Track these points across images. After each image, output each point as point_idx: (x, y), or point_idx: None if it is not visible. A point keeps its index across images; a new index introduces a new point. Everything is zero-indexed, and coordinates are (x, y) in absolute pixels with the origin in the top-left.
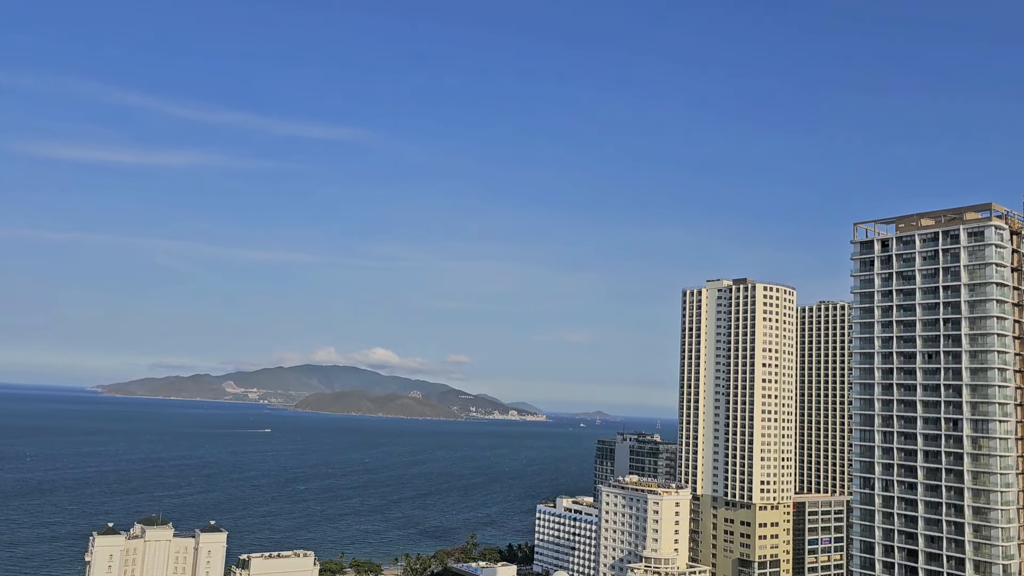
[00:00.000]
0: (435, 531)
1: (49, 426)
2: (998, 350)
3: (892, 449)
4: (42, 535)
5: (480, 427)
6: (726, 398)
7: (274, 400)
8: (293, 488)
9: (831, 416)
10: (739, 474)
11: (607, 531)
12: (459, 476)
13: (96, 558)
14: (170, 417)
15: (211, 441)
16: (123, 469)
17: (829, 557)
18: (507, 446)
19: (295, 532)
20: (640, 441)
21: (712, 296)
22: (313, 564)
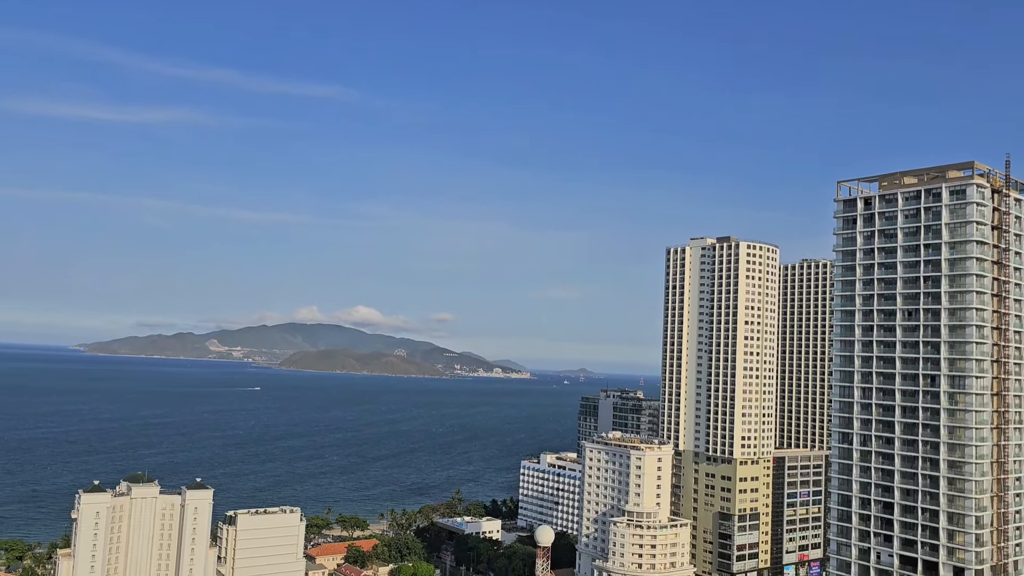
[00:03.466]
0: (420, 487)
1: (31, 385)
2: (976, 307)
3: (871, 405)
4: (24, 493)
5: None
6: (709, 355)
7: (258, 358)
8: (278, 445)
9: (812, 373)
10: (721, 430)
11: (590, 486)
12: (443, 433)
13: (83, 515)
14: (154, 376)
15: (196, 400)
16: (106, 428)
17: (808, 510)
18: (491, 403)
19: (281, 489)
20: (623, 398)
21: (696, 254)
22: (300, 520)
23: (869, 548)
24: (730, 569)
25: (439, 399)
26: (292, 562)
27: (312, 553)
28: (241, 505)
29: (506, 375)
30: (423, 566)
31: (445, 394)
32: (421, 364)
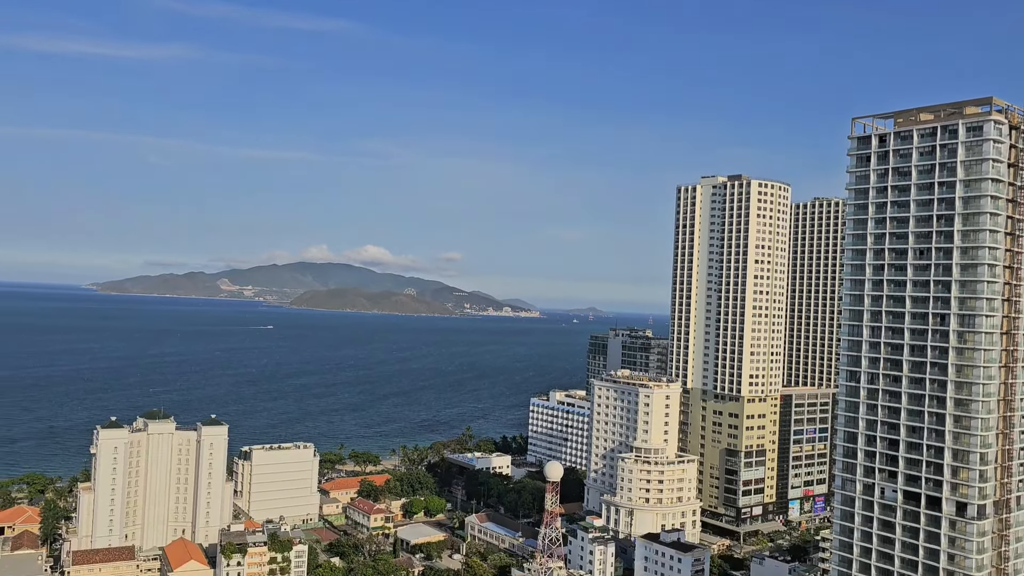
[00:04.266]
0: (430, 424)
1: (45, 324)
2: (989, 246)
3: (879, 343)
4: (42, 430)
5: (474, 323)
6: (718, 294)
7: (269, 297)
8: (290, 383)
9: (821, 311)
10: (729, 368)
11: (599, 423)
12: (453, 371)
13: (101, 451)
14: (166, 314)
15: (209, 338)
16: (120, 366)
17: (813, 447)
18: (501, 342)
19: (294, 425)
20: (632, 337)
21: (706, 193)
22: (313, 455)
23: (873, 484)
24: (736, 504)
25: (449, 338)
26: (307, 496)
27: (326, 487)
28: (255, 441)
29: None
30: (435, 500)
31: (455, 333)
32: (431, 303)
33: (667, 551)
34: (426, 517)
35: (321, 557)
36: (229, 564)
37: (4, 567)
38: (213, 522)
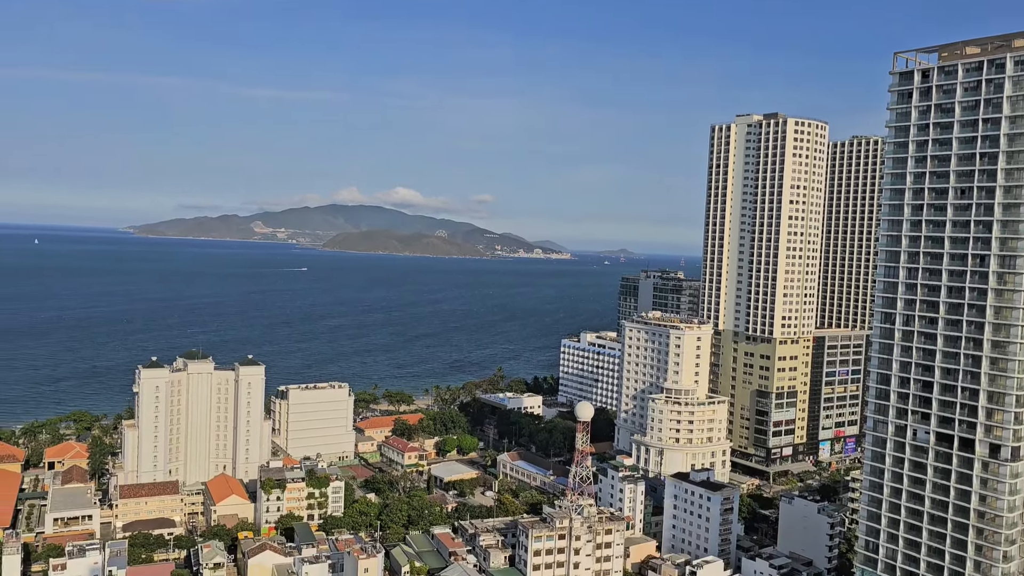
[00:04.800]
0: (462, 364)
1: (85, 266)
2: None
3: (916, 285)
4: (85, 369)
5: (505, 265)
6: (751, 235)
7: (302, 240)
8: (324, 324)
9: (856, 252)
10: (761, 310)
11: (630, 364)
12: (484, 313)
13: (143, 389)
14: (202, 257)
15: (244, 280)
16: (158, 308)
17: (845, 388)
18: (531, 284)
19: (327, 365)
20: (664, 278)
21: (741, 131)
22: (348, 395)
23: (906, 425)
24: (766, 444)
25: (479, 279)
26: (342, 434)
27: (361, 426)
28: (290, 381)
29: (546, 256)
30: (467, 439)
31: (485, 274)
32: (462, 245)
33: (697, 490)
34: (459, 455)
35: (357, 493)
36: (269, 499)
37: (56, 499)
38: (252, 459)
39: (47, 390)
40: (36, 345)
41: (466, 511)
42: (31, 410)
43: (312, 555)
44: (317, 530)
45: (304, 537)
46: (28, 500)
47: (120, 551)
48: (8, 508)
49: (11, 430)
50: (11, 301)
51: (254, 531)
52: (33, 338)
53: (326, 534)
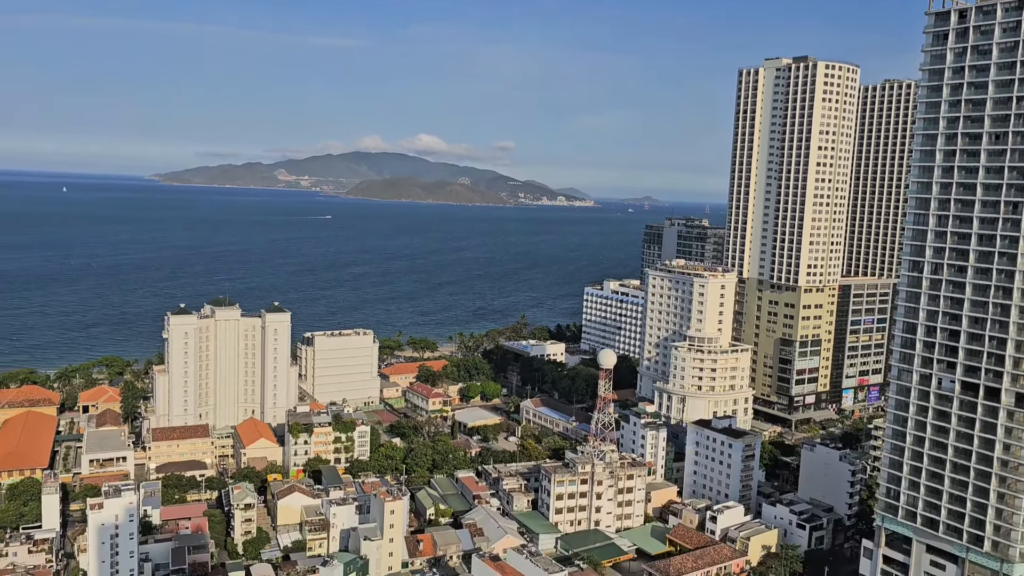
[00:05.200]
0: (485, 312)
1: (113, 214)
2: None
3: (945, 232)
4: (115, 316)
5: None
6: (778, 182)
7: (325, 187)
8: (348, 272)
9: (885, 199)
10: (786, 258)
11: (653, 312)
12: (506, 260)
13: (173, 335)
14: (226, 205)
15: (268, 228)
16: (184, 255)
17: (870, 336)
18: (554, 232)
19: (351, 313)
20: (688, 226)
21: (770, 76)
22: (373, 341)
23: (931, 374)
24: (789, 392)
25: (502, 227)
26: (368, 380)
27: (386, 372)
28: (316, 328)
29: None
30: (490, 385)
31: (508, 222)
32: (485, 193)
33: (718, 437)
34: (482, 401)
35: (383, 438)
36: (297, 442)
37: (92, 441)
38: (280, 403)
39: (79, 336)
40: (66, 292)
41: (489, 456)
42: (64, 355)
43: (339, 497)
44: (344, 473)
45: (331, 480)
46: (64, 442)
47: (154, 491)
48: (46, 450)
49: (46, 375)
50: (42, 248)
51: (282, 473)
52: (63, 284)
53: (352, 477)
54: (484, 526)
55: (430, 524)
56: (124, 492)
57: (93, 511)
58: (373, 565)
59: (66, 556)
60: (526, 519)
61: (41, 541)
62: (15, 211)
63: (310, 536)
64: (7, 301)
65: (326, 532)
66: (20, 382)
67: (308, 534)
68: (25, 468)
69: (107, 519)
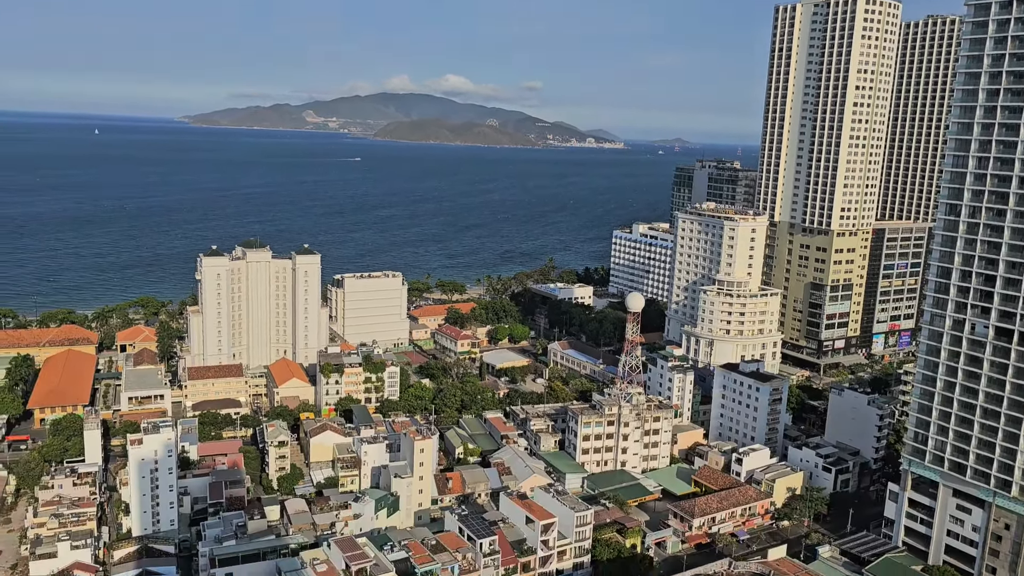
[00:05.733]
0: (513, 255)
1: (143, 156)
2: None
3: (985, 176)
4: (148, 257)
5: (556, 155)
6: (813, 122)
7: (353, 129)
8: (375, 214)
9: (923, 140)
10: (819, 201)
11: (682, 255)
12: (534, 203)
13: (205, 277)
14: (255, 147)
15: (296, 170)
16: (214, 197)
17: (903, 281)
18: (583, 174)
19: (379, 255)
20: (719, 168)
21: (807, 12)
22: (402, 284)
23: (964, 319)
24: (818, 337)
25: (530, 169)
26: (397, 321)
27: (415, 314)
28: (345, 270)
29: (599, 145)
30: (518, 327)
31: (537, 164)
32: (513, 134)
33: (745, 380)
34: (510, 343)
35: (412, 378)
36: (328, 382)
37: (130, 379)
38: (311, 344)
39: (113, 277)
40: (100, 233)
41: (517, 397)
42: (99, 296)
43: (370, 436)
44: (374, 412)
45: (362, 419)
46: (104, 380)
47: (191, 428)
48: (86, 387)
49: (84, 315)
50: (75, 190)
51: (314, 412)
52: (97, 226)
53: (383, 416)
54: (512, 465)
55: (459, 463)
56: (162, 429)
57: (133, 446)
58: (403, 501)
59: (109, 489)
60: (553, 459)
61: (85, 474)
62: (49, 154)
63: (342, 473)
64: (43, 243)
65: (358, 469)
66: (59, 322)
67: (340, 471)
68: (67, 405)
69: (147, 454)
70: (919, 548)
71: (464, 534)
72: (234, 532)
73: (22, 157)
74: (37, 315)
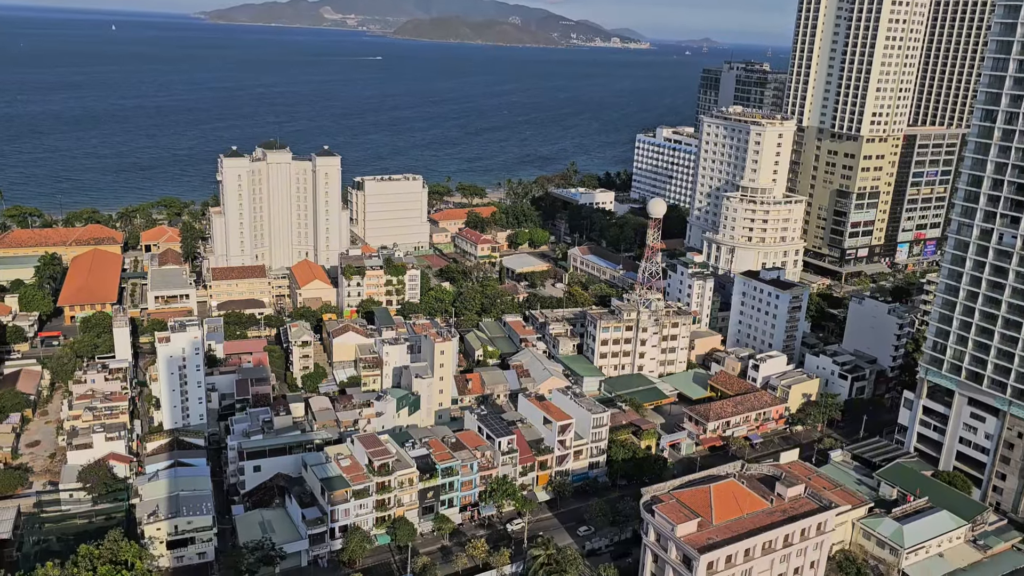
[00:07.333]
0: (533, 159)
1: (160, 54)
2: None
3: None
4: (167, 158)
5: (580, 55)
6: (848, 21)
7: (372, 27)
8: (394, 115)
9: (963, 42)
10: (850, 105)
11: (706, 161)
12: (555, 105)
13: (226, 178)
14: (273, 44)
15: (315, 68)
16: (232, 96)
17: (932, 189)
18: (606, 75)
19: (398, 157)
20: (748, 70)
21: None
22: (422, 187)
23: (992, 229)
24: (841, 245)
25: (553, 70)
26: (417, 225)
27: (435, 218)
28: (363, 171)
29: (624, 45)
30: (538, 232)
31: (559, 64)
32: (536, 33)
33: (765, 287)
34: (530, 248)
35: (432, 281)
36: (350, 284)
37: (155, 279)
38: (333, 246)
39: (134, 177)
40: (119, 131)
41: (536, 301)
42: (121, 197)
43: (392, 337)
44: (395, 314)
45: (384, 320)
46: (130, 279)
47: (217, 327)
48: (113, 286)
49: (108, 214)
50: (92, 88)
51: (337, 313)
52: (116, 123)
53: (404, 318)
54: (530, 367)
55: (478, 364)
56: (189, 327)
57: (161, 344)
58: (424, 400)
59: (139, 384)
60: (571, 362)
61: (116, 370)
62: (67, 50)
63: (364, 372)
64: (63, 142)
65: (379, 369)
66: (84, 221)
67: (362, 370)
68: (95, 303)
69: (174, 352)
70: (930, 454)
71: (483, 433)
72: (261, 427)
73: (38, 54)
74: (62, 215)
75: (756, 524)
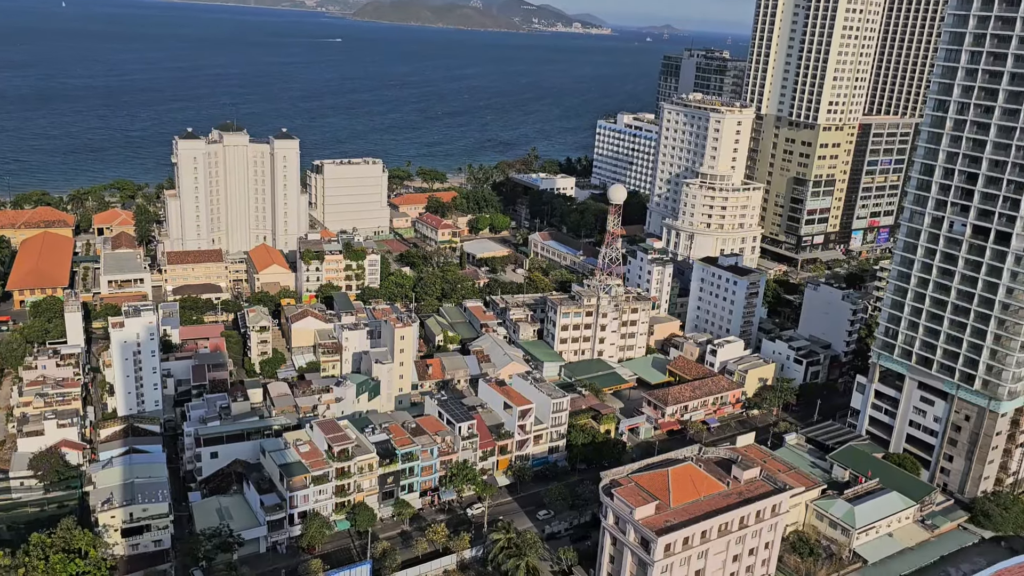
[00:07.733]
0: (494, 144)
1: (115, 31)
2: None
3: (976, 70)
4: (120, 139)
5: (541, 40)
6: (806, 11)
7: (331, 8)
8: (354, 98)
9: (917, 33)
10: (808, 93)
11: (666, 147)
12: (516, 91)
13: (182, 160)
14: (229, 23)
15: (272, 50)
16: (188, 77)
17: (886, 177)
18: (568, 61)
19: (357, 141)
20: (708, 58)
21: None
22: (382, 171)
23: (943, 217)
24: (797, 232)
25: (514, 54)
26: (377, 209)
27: (395, 202)
28: (322, 155)
29: (585, 31)
30: (499, 217)
31: (520, 49)
32: (497, 17)
33: (723, 274)
34: (491, 233)
35: (392, 266)
36: (308, 268)
37: (109, 263)
38: (291, 230)
39: (85, 158)
40: (68, 112)
41: (497, 287)
42: (71, 179)
43: (351, 322)
44: (355, 299)
45: (343, 305)
46: (82, 263)
47: (172, 312)
48: (65, 269)
49: (59, 196)
50: (41, 66)
51: (295, 298)
52: (67, 103)
53: (363, 303)
54: (491, 353)
55: (439, 350)
56: (144, 312)
57: (115, 329)
58: (384, 386)
59: (92, 370)
60: (531, 347)
61: (68, 356)
62: (12, 25)
63: (323, 358)
64: (8, 122)
65: (339, 355)
66: (34, 203)
67: (322, 356)
68: (46, 287)
69: (129, 337)
70: (881, 437)
71: (443, 418)
72: (218, 413)
73: None
74: (11, 196)
75: (713, 506)
